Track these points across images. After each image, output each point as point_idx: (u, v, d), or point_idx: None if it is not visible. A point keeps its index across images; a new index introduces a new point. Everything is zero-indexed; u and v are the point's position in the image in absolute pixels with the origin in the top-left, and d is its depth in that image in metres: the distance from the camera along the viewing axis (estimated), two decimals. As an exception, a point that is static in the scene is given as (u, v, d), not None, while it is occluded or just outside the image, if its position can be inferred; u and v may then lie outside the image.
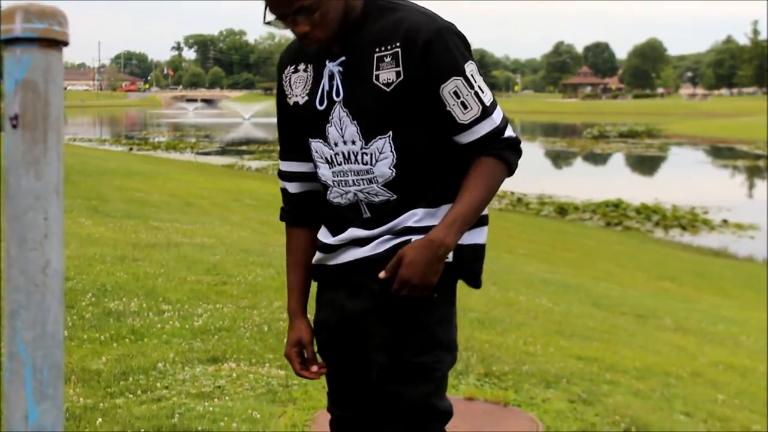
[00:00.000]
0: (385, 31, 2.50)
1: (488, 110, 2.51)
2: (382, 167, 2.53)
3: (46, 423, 1.26)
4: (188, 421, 4.65)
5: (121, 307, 7.00)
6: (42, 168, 1.25)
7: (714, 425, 5.69)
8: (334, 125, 2.57)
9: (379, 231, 2.57)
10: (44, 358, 1.24)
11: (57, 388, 1.26)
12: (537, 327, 8.11)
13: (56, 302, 1.26)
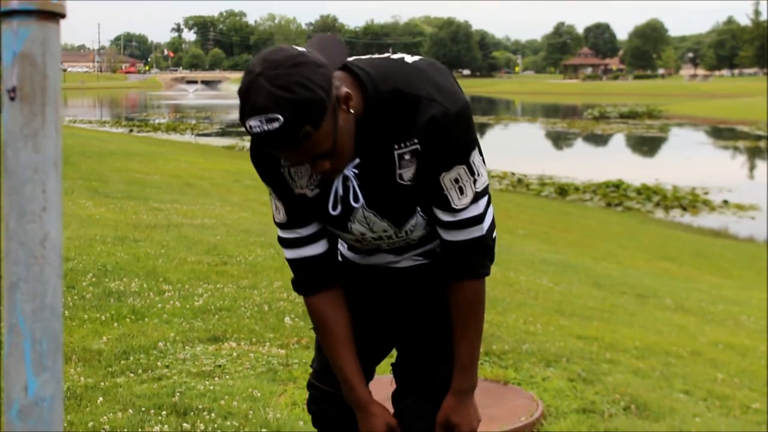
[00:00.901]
0: (402, 126, 2.31)
1: (477, 197, 2.42)
2: (418, 233, 2.51)
3: (46, 394, 1.26)
4: (189, 399, 4.67)
5: (122, 287, 7.01)
6: (40, 141, 1.25)
7: (713, 403, 5.71)
8: (359, 223, 2.46)
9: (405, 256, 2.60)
10: (43, 330, 1.25)
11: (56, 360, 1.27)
12: (537, 306, 8.13)
13: (55, 275, 1.26)
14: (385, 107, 2.30)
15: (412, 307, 2.64)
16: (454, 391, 2.53)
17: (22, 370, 1.25)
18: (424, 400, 2.60)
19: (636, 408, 5.20)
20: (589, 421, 4.93)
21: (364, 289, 2.67)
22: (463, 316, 2.48)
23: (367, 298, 2.66)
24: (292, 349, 5.62)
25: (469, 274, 2.46)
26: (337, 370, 2.58)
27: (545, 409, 5.02)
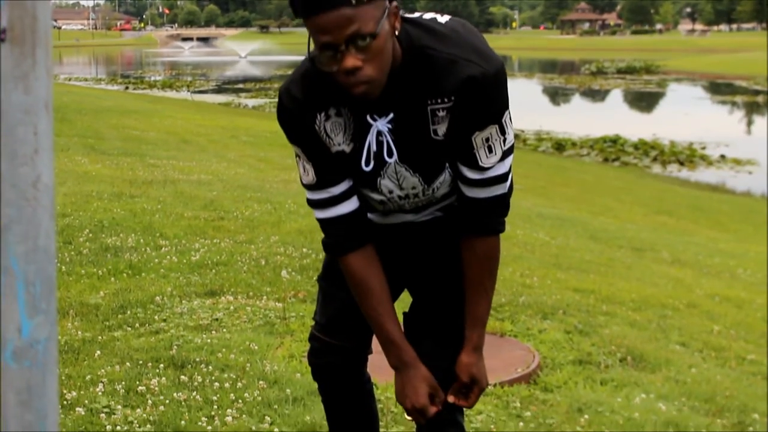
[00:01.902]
0: (438, 82, 2.32)
1: (504, 156, 2.43)
2: (443, 190, 2.51)
3: (40, 336, 1.26)
4: (186, 352, 4.68)
5: (119, 242, 7.02)
6: (31, 83, 1.24)
7: (709, 355, 5.73)
8: (389, 178, 2.45)
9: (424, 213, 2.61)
10: (36, 272, 1.24)
11: (50, 302, 1.26)
12: (534, 260, 8.14)
13: (47, 216, 1.25)
14: (419, 63, 2.30)
15: (427, 257, 2.64)
16: (473, 347, 2.53)
17: (15, 312, 1.24)
18: (436, 348, 2.60)
19: (632, 359, 5.23)
20: (585, 372, 4.95)
21: (379, 240, 2.66)
22: (480, 272, 2.49)
23: (381, 249, 2.65)
24: (289, 302, 5.63)
25: (488, 230, 2.47)
26: (379, 329, 2.53)
27: (542, 360, 5.04)
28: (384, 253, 2.62)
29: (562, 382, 4.76)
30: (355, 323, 2.70)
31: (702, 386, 4.96)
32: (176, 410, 3.96)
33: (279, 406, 4.08)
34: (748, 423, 4.52)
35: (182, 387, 4.25)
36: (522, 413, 4.26)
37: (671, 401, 4.65)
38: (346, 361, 2.76)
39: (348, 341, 2.73)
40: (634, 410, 4.40)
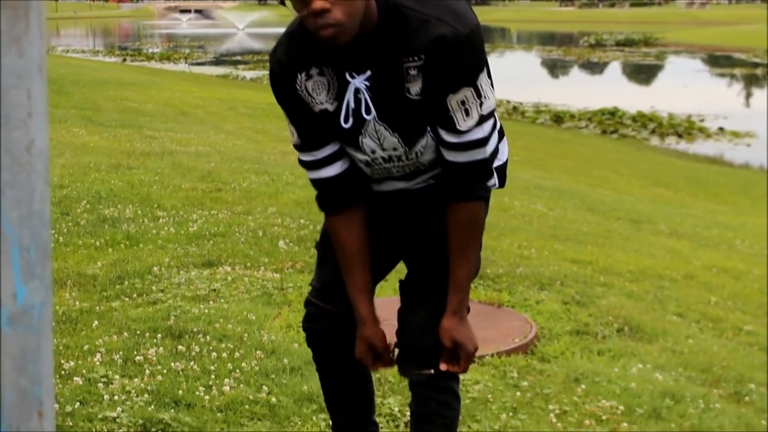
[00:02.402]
0: (410, 39, 2.34)
1: (483, 119, 2.43)
2: (428, 156, 2.51)
3: (35, 302, 1.26)
4: (184, 323, 4.68)
5: (116, 213, 7.01)
6: (24, 46, 1.23)
7: (706, 326, 5.74)
8: (370, 137, 2.48)
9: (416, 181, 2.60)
10: (31, 237, 1.24)
11: (45, 268, 1.26)
12: (532, 231, 8.14)
13: (41, 181, 1.24)
14: (394, 21, 2.33)
15: (421, 226, 2.63)
16: (452, 312, 2.53)
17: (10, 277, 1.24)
18: (430, 315, 2.60)
19: (629, 330, 5.23)
20: (582, 343, 4.96)
21: (373, 209, 2.66)
22: (461, 238, 2.48)
23: (376, 218, 2.65)
24: (286, 273, 5.63)
25: (468, 195, 2.47)
26: (347, 286, 2.61)
27: (539, 331, 5.05)
28: (380, 223, 2.62)
29: (560, 353, 4.77)
30: (343, 290, 2.72)
31: (699, 356, 4.98)
32: (174, 380, 3.97)
33: (276, 375, 4.08)
34: (745, 393, 4.53)
35: (180, 357, 4.25)
36: (519, 383, 4.27)
37: (668, 371, 4.66)
38: (340, 327, 2.77)
39: (341, 306, 2.74)
40: (631, 380, 4.41)
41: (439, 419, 2.65)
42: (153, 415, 3.62)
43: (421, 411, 2.64)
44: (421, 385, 2.63)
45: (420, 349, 2.60)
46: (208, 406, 3.75)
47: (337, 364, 2.84)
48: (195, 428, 3.58)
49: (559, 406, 4.02)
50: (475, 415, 3.84)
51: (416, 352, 2.61)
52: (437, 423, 2.64)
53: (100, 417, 3.60)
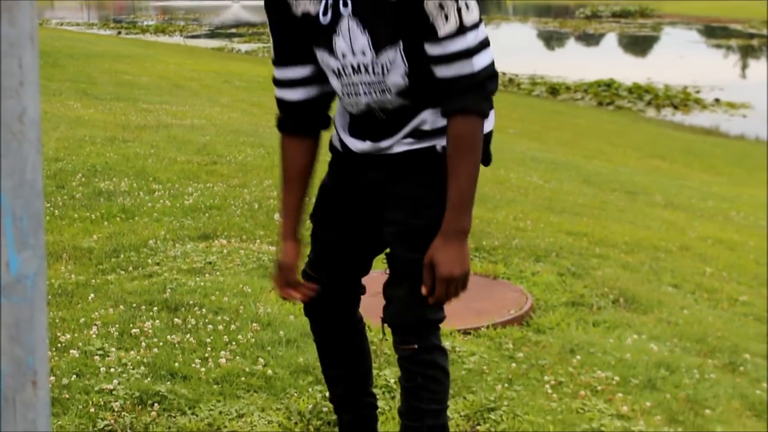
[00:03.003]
0: None
1: (464, 29, 2.41)
2: (394, 77, 2.49)
3: (28, 271, 1.26)
4: (180, 295, 4.68)
5: (112, 186, 7.00)
6: (15, 15, 1.23)
7: (701, 296, 5.76)
8: (342, 36, 2.48)
9: (396, 138, 2.58)
10: (24, 207, 1.23)
11: (38, 238, 1.26)
12: (527, 203, 8.14)
13: (34, 151, 1.24)
14: None
15: (398, 200, 2.60)
16: (441, 232, 2.47)
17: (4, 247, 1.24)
18: (412, 289, 2.58)
19: (624, 301, 5.24)
20: (577, 314, 4.96)
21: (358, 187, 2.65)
22: (452, 155, 2.45)
23: (361, 196, 2.65)
24: (282, 245, 5.62)
25: (457, 110, 2.44)
26: (281, 201, 2.75)
27: (534, 302, 5.05)
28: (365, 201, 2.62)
29: (555, 324, 4.78)
30: (339, 261, 2.76)
31: (694, 327, 4.99)
32: (170, 352, 3.98)
33: (272, 347, 4.09)
34: (740, 363, 4.55)
35: (176, 329, 4.26)
36: (514, 354, 4.28)
37: (663, 342, 4.68)
38: (335, 298, 2.78)
39: (333, 278, 2.75)
40: (626, 351, 4.42)
41: (427, 394, 2.64)
42: (149, 387, 3.62)
43: (409, 386, 2.63)
44: (408, 360, 2.62)
45: (403, 324, 2.59)
46: (204, 378, 3.76)
47: (334, 333, 2.85)
48: (191, 400, 3.58)
49: (554, 377, 4.03)
50: (470, 386, 3.85)
51: (400, 328, 2.60)
52: (425, 398, 2.64)
53: (96, 389, 3.61)
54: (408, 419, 2.66)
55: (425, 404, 2.64)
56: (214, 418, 3.48)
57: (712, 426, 3.73)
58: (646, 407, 3.80)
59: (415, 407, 2.64)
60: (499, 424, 3.54)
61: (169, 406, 3.54)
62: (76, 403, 3.50)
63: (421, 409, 2.64)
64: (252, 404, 3.60)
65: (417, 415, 2.65)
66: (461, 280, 2.48)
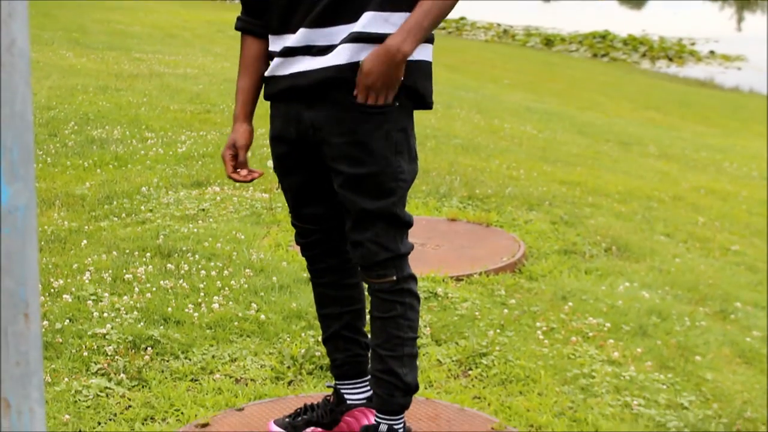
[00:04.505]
0: None
1: None
2: None
3: (19, 203, 1.25)
4: (173, 242, 4.68)
5: (104, 135, 6.98)
6: (3, -55, 1.21)
7: (694, 245, 5.77)
8: None
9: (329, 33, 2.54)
10: (14, 138, 1.23)
11: (28, 169, 1.25)
12: (521, 153, 8.13)
13: (23, 82, 1.23)
14: None
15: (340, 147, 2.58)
16: (382, 44, 2.48)
17: (-6, 179, 1.23)
18: (380, 230, 2.60)
19: (617, 249, 5.25)
20: (570, 262, 4.98)
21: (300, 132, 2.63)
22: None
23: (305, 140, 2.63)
24: (275, 193, 5.63)
25: None
26: (236, 89, 2.79)
27: (527, 250, 5.06)
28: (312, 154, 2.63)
29: (547, 271, 4.79)
30: (314, 205, 2.77)
31: (685, 275, 5.00)
32: (163, 297, 3.98)
33: (265, 293, 4.10)
34: (731, 311, 4.56)
35: (169, 275, 4.26)
36: (507, 301, 4.29)
37: (655, 290, 4.69)
38: (327, 238, 2.80)
39: (318, 224, 2.76)
40: (618, 298, 4.43)
41: (404, 321, 2.67)
42: (142, 332, 3.63)
43: (387, 316, 2.66)
44: (384, 292, 2.65)
45: (380, 261, 2.61)
46: (197, 323, 3.77)
47: (329, 272, 2.86)
48: (184, 345, 3.59)
49: (546, 324, 4.04)
50: (462, 332, 3.87)
51: (377, 264, 2.62)
52: (404, 326, 2.66)
53: (89, 333, 3.61)
54: (385, 349, 2.68)
55: (404, 332, 2.68)
56: (207, 362, 3.49)
57: (703, 372, 3.75)
58: (637, 353, 3.82)
59: (394, 336, 2.67)
60: (490, 369, 3.55)
61: (162, 350, 3.55)
62: (70, 347, 3.51)
63: (400, 338, 2.67)
64: (245, 349, 3.61)
65: (397, 344, 2.68)
66: (382, 82, 2.48)
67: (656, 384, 3.55)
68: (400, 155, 2.58)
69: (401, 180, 2.59)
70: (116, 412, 3.11)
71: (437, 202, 5.86)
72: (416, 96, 2.61)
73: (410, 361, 2.71)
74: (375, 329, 2.72)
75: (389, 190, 2.57)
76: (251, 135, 2.79)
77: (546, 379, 3.50)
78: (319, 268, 2.87)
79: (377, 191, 2.56)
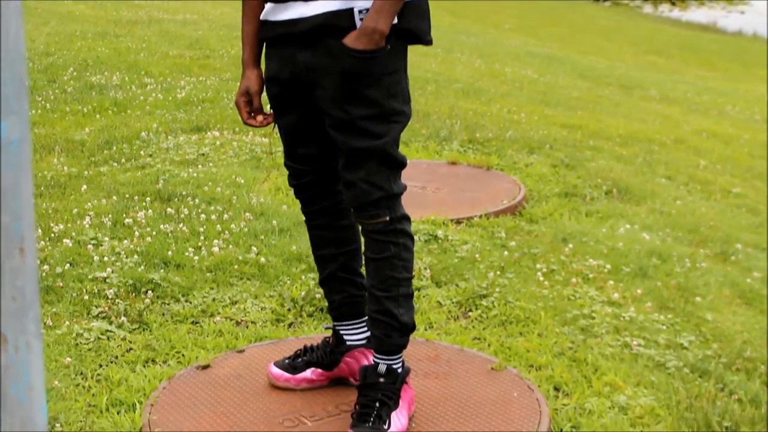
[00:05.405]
0: None
1: None
2: None
3: (13, 137, 1.25)
4: (172, 186, 4.68)
5: (103, 80, 6.96)
6: None
7: (695, 188, 5.76)
8: None
9: None
10: (7, 72, 1.22)
11: (21, 103, 1.25)
12: (522, 97, 8.10)
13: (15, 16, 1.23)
14: None
15: (331, 89, 2.58)
16: (360, 27, 2.51)
17: (-14, 112, 1.22)
18: (372, 168, 2.60)
19: (618, 191, 5.25)
20: (570, 204, 4.97)
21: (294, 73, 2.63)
22: None
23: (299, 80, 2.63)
24: (275, 137, 5.58)
25: None
26: (241, 35, 2.76)
27: (527, 192, 5.06)
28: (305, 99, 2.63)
29: (548, 214, 4.79)
30: (308, 145, 2.76)
31: (686, 217, 5.00)
32: (163, 241, 3.98)
33: (265, 236, 4.10)
34: (731, 252, 4.57)
35: (169, 219, 4.26)
36: (507, 243, 4.29)
37: (655, 232, 4.69)
38: (320, 179, 2.80)
39: (310, 163, 2.76)
40: (618, 240, 4.43)
41: (399, 262, 2.67)
42: (143, 276, 3.63)
43: (381, 257, 2.66)
44: (378, 233, 2.65)
45: (373, 201, 2.61)
46: (197, 266, 3.77)
47: (323, 214, 2.86)
48: (184, 288, 3.60)
49: (546, 265, 4.04)
50: (462, 274, 3.87)
51: (369, 204, 2.62)
52: (398, 267, 2.67)
53: (90, 277, 3.62)
54: (381, 290, 2.69)
55: (399, 273, 2.68)
56: (208, 305, 3.50)
57: (703, 313, 3.75)
58: (637, 295, 3.82)
59: (389, 277, 2.68)
60: (490, 311, 3.56)
61: (163, 293, 3.56)
62: (70, 291, 3.52)
63: (395, 278, 2.68)
64: (245, 291, 3.62)
65: (392, 284, 2.68)
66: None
67: (656, 324, 3.56)
68: (393, 98, 2.58)
69: (393, 122, 2.59)
70: (117, 355, 3.12)
71: (437, 145, 5.84)
72: (410, 36, 2.60)
73: (406, 301, 2.71)
74: (370, 270, 2.72)
75: (381, 132, 2.57)
76: (262, 79, 2.76)
77: (546, 320, 3.51)
78: (313, 210, 2.87)
79: (369, 133, 2.56)
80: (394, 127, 2.60)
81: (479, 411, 2.79)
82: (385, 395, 2.68)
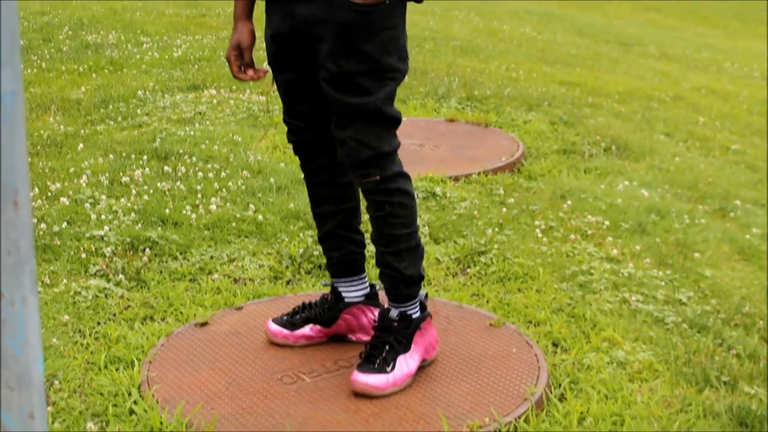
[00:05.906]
0: None
1: None
2: None
3: (6, 90, 1.24)
4: (169, 144, 4.66)
5: (99, 39, 6.92)
6: None
7: (694, 145, 5.74)
8: None
9: None
10: None
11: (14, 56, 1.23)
12: (520, 54, 8.06)
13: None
14: None
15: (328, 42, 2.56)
16: None
17: (-21, 65, 1.21)
18: (362, 126, 2.59)
19: (616, 148, 5.23)
20: (569, 161, 4.96)
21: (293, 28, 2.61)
22: None
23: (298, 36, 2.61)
24: (272, 96, 5.59)
25: None
26: None
27: (526, 150, 5.04)
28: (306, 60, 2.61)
29: (546, 171, 4.78)
30: (306, 101, 2.74)
31: (685, 174, 4.99)
32: (160, 199, 3.97)
33: (263, 194, 4.09)
34: (730, 209, 4.56)
35: (166, 177, 4.25)
36: (505, 200, 4.28)
37: (654, 188, 4.68)
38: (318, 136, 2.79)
39: (308, 119, 2.75)
40: (617, 196, 4.42)
41: (395, 220, 2.67)
42: (140, 233, 3.63)
43: (378, 216, 2.67)
44: (372, 192, 2.65)
45: (363, 159, 2.60)
46: (195, 224, 3.76)
47: (321, 171, 2.84)
48: (182, 245, 3.59)
49: (545, 222, 4.03)
50: (461, 231, 3.86)
51: (360, 163, 2.61)
52: (395, 224, 2.67)
53: (87, 236, 3.61)
54: (383, 246, 2.71)
55: (397, 230, 2.68)
56: (206, 263, 3.49)
57: (701, 269, 3.75)
58: (636, 251, 3.82)
59: (388, 234, 2.69)
60: (489, 267, 3.56)
61: (161, 251, 3.55)
62: (68, 250, 3.51)
63: (393, 236, 2.69)
64: (243, 249, 3.61)
65: (391, 241, 2.70)
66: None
67: (654, 280, 3.56)
68: (388, 54, 2.56)
69: (388, 78, 2.58)
70: (115, 312, 3.12)
71: (436, 103, 5.82)
72: None
73: (409, 254, 2.71)
74: (372, 226, 2.74)
75: (374, 87, 2.55)
76: (254, 34, 2.76)
77: (544, 276, 3.50)
78: (311, 167, 2.86)
79: (361, 88, 2.54)
80: (387, 84, 2.58)
81: (478, 367, 2.79)
82: (396, 339, 2.70)
